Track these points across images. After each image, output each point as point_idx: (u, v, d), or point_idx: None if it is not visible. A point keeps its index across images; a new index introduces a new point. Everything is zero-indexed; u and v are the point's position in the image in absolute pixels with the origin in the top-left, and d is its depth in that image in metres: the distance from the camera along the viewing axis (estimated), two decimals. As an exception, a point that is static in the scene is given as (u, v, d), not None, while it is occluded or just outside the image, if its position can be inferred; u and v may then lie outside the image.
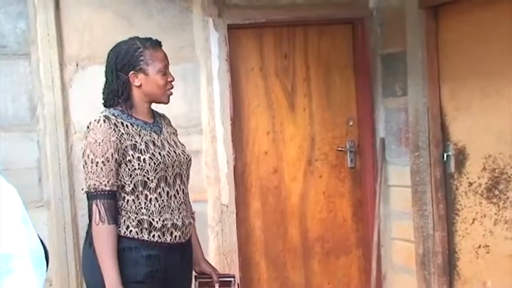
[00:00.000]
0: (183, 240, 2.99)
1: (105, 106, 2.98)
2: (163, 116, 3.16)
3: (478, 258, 4.20)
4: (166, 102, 3.03)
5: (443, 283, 4.40)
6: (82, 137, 3.71)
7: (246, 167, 4.79)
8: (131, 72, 2.90)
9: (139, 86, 2.92)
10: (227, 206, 4.55)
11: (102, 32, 4.25)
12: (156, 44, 3.00)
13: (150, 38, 3.04)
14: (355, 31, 4.98)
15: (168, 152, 2.95)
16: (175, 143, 3.07)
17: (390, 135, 4.81)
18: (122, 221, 2.83)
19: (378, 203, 4.84)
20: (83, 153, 2.82)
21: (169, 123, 3.17)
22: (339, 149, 5.00)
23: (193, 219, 3.13)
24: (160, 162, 2.88)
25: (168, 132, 3.08)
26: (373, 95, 4.94)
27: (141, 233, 2.84)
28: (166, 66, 2.98)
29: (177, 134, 3.17)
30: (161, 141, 2.97)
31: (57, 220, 4.12)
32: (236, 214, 4.60)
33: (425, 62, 4.37)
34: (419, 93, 4.41)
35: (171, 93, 3.01)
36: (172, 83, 3.01)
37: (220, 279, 3.19)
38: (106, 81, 2.98)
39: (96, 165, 2.77)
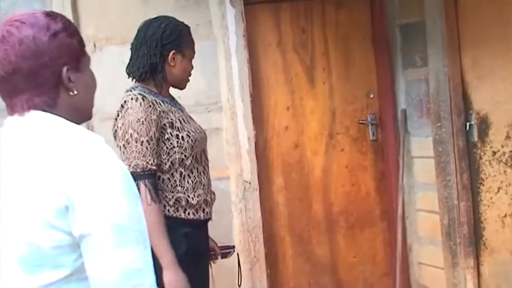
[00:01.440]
0: (210, 216, 3.01)
1: (134, 78, 2.94)
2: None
3: (504, 228, 4.17)
4: (183, 89, 3.05)
5: (470, 253, 4.38)
6: (103, 117, 3.74)
7: (267, 143, 4.78)
8: (173, 51, 2.89)
9: (174, 66, 2.92)
10: (250, 183, 4.54)
11: (119, 13, 4.25)
12: (190, 32, 3.03)
13: (184, 23, 3.06)
14: (373, 2, 4.93)
15: (194, 128, 2.95)
16: (192, 119, 3.07)
17: (411, 107, 4.77)
18: (159, 200, 2.79)
19: (401, 175, 4.80)
20: (123, 133, 2.76)
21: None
22: (360, 122, 4.97)
23: (214, 195, 3.11)
24: (196, 139, 2.89)
25: (184, 109, 3.09)
26: (393, 67, 4.89)
27: (178, 211, 2.85)
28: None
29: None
30: (186, 118, 2.97)
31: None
32: (259, 190, 4.58)
33: (444, 30, 4.32)
34: (440, 63, 4.36)
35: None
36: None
37: (222, 251, 3.24)
38: (139, 53, 2.91)
39: (141, 144, 2.73)
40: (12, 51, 1.56)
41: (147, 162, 2.74)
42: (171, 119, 2.84)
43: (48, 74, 1.59)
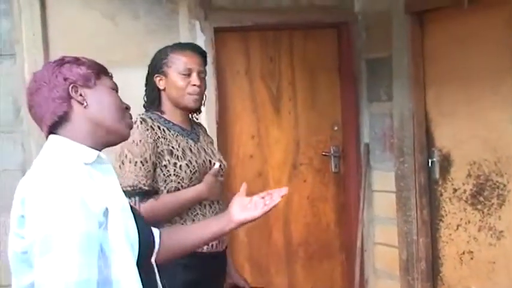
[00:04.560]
0: (220, 250, 2.93)
1: (146, 110, 2.98)
2: (200, 125, 3.13)
3: (462, 264, 4.21)
4: (192, 107, 2.95)
5: (427, 289, 4.42)
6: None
7: (231, 171, 4.76)
8: (156, 76, 2.92)
9: (164, 90, 2.93)
10: (211, 210, 4.52)
11: (88, 33, 4.22)
12: (188, 47, 3.00)
13: (190, 43, 3.09)
14: (341, 35, 4.99)
15: (203, 160, 2.91)
16: (212, 151, 3.02)
17: (375, 141, 4.82)
18: None
19: (361, 208, 4.84)
20: (119, 154, 2.78)
21: (205, 132, 3.13)
22: (324, 153, 5.00)
23: None
24: (196, 171, 2.85)
25: (205, 140, 3.04)
26: (358, 100, 4.94)
27: None
28: (191, 69, 2.90)
29: (213, 143, 3.14)
30: (198, 148, 2.93)
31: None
32: (221, 218, 4.55)
33: (410, 67, 4.38)
34: (405, 99, 4.42)
35: (196, 98, 2.92)
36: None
37: None
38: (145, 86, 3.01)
39: (135, 165, 2.74)
40: (30, 91, 1.92)
41: (139, 181, 2.74)
42: (172, 146, 2.82)
43: (59, 93, 1.87)
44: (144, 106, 2.99)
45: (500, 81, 3.85)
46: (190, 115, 3.02)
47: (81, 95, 1.89)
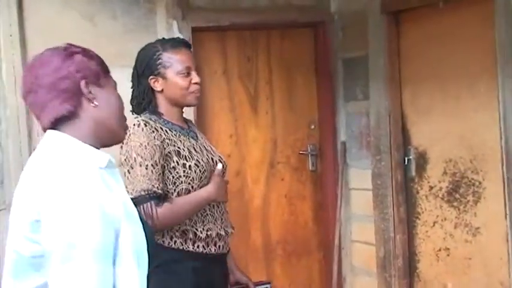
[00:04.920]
0: (226, 251, 2.92)
1: (133, 113, 2.87)
2: (190, 121, 3.07)
3: (439, 261, 4.26)
4: (195, 104, 2.97)
5: (404, 285, 4.46)
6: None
7: (209, 170, 4.79)
8: (150, 77, 2.83)
9: (161, 91, 2.84)
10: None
11: (66, 33, 4.19)
12: (178, 45, 2.90)
13: (174, 39, 2.99)
14: (317, 35, 5.03)
15: (207, 159, 2.87)
16: (211, 149, 2.97)
17: (351, 139, 4.86)
18: (166, 231, 2.73)
19: (339, 206, 4.88)
20: (127, 158, 2.70)
21: (198, 129, 3.08)
22: (301, 152, 5.04)
23: (233, 228, 3.01)
24: (205, 170, 2.81)
25: (202, 138, 3.00)
26: (335, 99, 4.99)
27: (186, 243, 2.75)
28: (190, 67, 2.86)
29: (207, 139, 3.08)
30: (199, 147, 2.89)
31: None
32: (199, 216, 4.57)
33: (386, 66, 4.43)
34: (381, 97, 4.46)
35: (198, 95, 2.91)
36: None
37: (256, 287, 3.14)
38: (132, 88, 2.90)
39: (146, 168, 2.66)
40: (34, 73, 1.80)
41: (153, 185, 2.66)
42: (178, 147, 2.77)
43: (67, 84, 1.78)
44: (133, 108, 2.88)
45: (476, 79, 3.90)
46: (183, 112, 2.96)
47: (91, 92, 1.81)
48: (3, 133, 4.07)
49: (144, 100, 2.86)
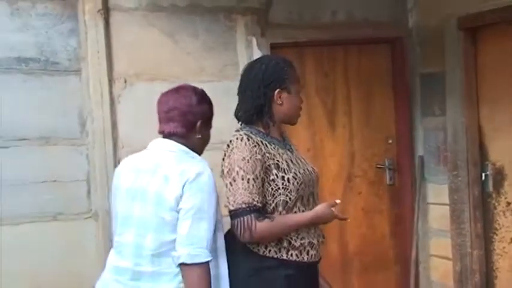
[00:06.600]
0: (317, 259, 2.93)
1: (242, 122, 2.94)
2: (284, 132, 3.07)
3: (516, 277, 4.24)
4: (294, 124, 3.01)
5: (481, 301, 4.45)
6: (130, 150, 3.86)
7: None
8: (277, 90, 2.86)
9: (281, 104, 2.88)
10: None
11: (149, 50, 4.38)
12: (293, 64, 2.96)
13: (283, 57, 3.01)
14: (395, 50, 5.07)
15: (303, 170, 2.89)
16: (305, 160, 3.02)
17: (428, 154, 4.88)
18: None
19: (416, 220, 4.90)
20: (229, 171, 2.76)
21: (290, 140, 3.10)
22: (378, 166, 5.08)
23: (323, 237, 3.02)
24: (302, 182, 2.83)
25: (296, 150, 3.04)
26: (412, 114, 5.02)
27: (280, 252, 2.79)
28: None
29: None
30: (295, 159, 2.92)
31: (104, 231, 4.23)
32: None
33: (463, 82, 4.44)
34: (458, 113, 4.47)
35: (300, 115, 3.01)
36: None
37: None
38: (244, 96, 2.93)
39: (248, 182, 2.71)
40: (178, 99, 2.79)
41: (253, 199, 2.71)
42: (277, 160, 2.80)
43: (190, 118, 2.78)
44: (244, 118, 2.93)
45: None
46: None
47: (202, 128, 2.81)
48: (90, 145, 4.25)
49: (260, 111, 2.89)
